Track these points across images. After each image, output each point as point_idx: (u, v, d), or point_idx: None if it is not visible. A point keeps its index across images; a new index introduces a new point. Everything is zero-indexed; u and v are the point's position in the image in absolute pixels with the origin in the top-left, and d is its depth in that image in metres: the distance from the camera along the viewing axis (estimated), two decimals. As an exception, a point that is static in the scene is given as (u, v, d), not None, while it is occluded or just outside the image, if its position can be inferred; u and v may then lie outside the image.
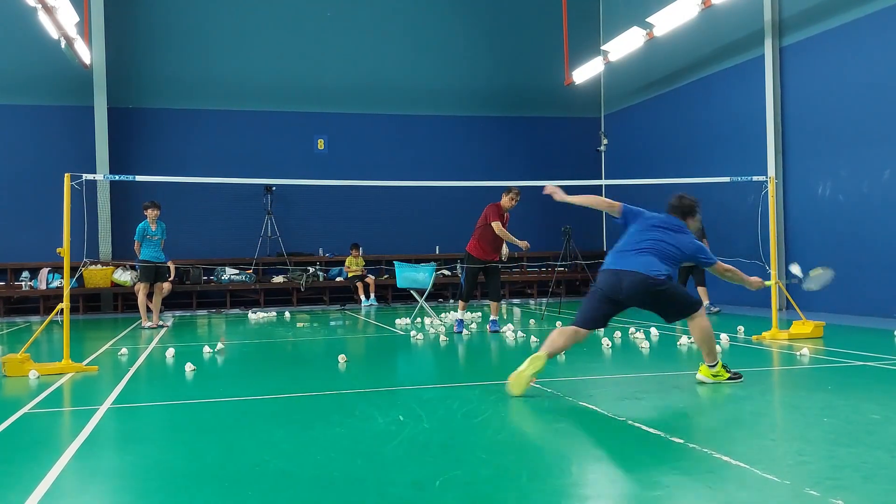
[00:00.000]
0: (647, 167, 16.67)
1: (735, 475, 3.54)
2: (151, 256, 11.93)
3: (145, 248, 11.87)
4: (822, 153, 12.48)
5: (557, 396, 5.52)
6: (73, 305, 14.65)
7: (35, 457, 4.14)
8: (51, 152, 16.06)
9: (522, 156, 18.56)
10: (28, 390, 6.33)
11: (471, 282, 10.29)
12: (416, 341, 9.44)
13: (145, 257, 11.88)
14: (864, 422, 4.60)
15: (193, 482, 3.65)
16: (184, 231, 16.62)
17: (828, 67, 12.32)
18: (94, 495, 3.61)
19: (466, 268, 10.33)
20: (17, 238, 15.82)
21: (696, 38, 15.14)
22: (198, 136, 17.16)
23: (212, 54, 17.26)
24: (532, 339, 9.15)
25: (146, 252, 11.89)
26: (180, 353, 8.41)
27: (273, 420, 5.02)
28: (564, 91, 18.64)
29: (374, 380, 6.70)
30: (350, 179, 15.08)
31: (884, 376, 6.39)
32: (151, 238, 11.89)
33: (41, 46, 14.99)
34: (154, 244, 11.94)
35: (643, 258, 5.70)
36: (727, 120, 14.62)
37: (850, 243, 11.49)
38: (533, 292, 17.88)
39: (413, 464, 3.89)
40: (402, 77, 18.19)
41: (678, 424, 4.61)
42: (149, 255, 11.90)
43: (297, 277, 16.35)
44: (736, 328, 9.49)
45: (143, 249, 11.86)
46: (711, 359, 5.85)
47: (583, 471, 3.81)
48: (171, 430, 4.85)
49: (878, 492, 3.28)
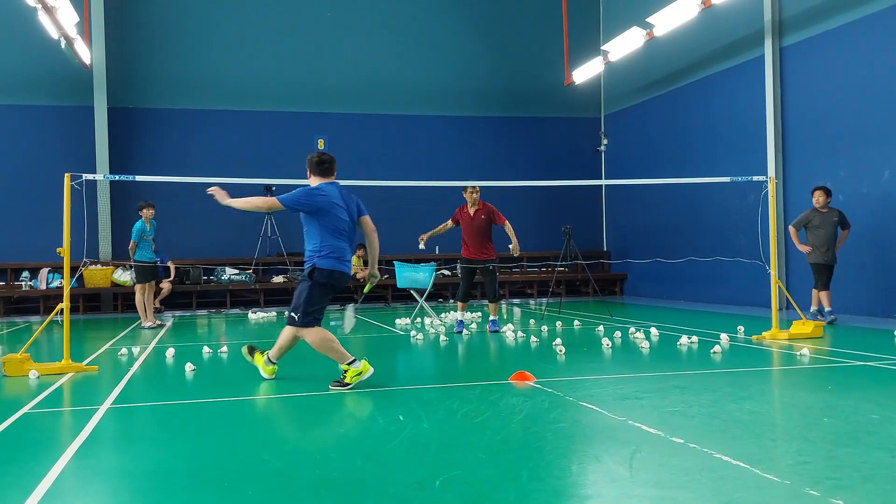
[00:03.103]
0: (646, 167, 16.67)
1: (735, 475, 3.54)
2: (147, 257, 12.09)
3: (141, 249, 11.99)
4: (822, 153, 12.48)
5: (557, 396, 5.52)
6: (73, 305, 14.66)
7: (35, 457, 4.14)
8: (51, 152, 16.06)
9: (522, 156, 18.55)
10: (28, 390, 6.33)
11: (465, 282, 10.43)
12: (416, 341, 9.44)
13: (142, 258, 12.00)
14: (864, 422, 4.60)
15: (193, 482, 3.65)
16: (184, 231, 16.64)
17: (828, 67, 12.32)
18: (93, 495, 3.62)
19: (460, 269, 10.49)
20: (17, 238, 15.81)
21: (696, 38, 15.14)
22: (198, 136, 17.15)
23: (212, 54, 17.26)
24: (532, 339, 9.15)
25: (142, 253, 12.03)
26: (180, 353, 8.41)
27: (273, 420, 5.02)
28: (564, 91, 18.64)
29: (374, 380, 6.70)
30: (350, 179, 15.04)
31: (884, 376, 6.39)
32: (146, 238, 12.03)
33: (41, 46, 14.98)
34: (148, 244, 12.10)
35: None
36: (727, 120, 14.62)
37: (849, 243, 11.46)
38: (533, 292, 17.87)
39: (413, 464, 3.89)
40: (403, 77, 18.18)
41: (678, 424, 4.61)
42: (145, 255, 12.05)
43: (297, 277, 16.33)
44: (736, 328, 9.48)
45: (139, 250, 11.98)
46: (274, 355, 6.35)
47: (583, 471, 3.81)
48: (171, 430, 4.85)
49: (878, 492, 3.28)
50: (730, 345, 8.31)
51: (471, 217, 10.31)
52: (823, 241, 10.53)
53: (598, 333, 9.57)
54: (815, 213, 10.65)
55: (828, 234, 10.55)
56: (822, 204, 10.60)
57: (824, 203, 10.60)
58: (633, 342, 8.73)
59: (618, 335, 9.18)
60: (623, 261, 17.13)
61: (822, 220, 10.59)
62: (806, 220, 10.71)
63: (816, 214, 10.63)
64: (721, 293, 14.18)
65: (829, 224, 10.57)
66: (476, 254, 10.26)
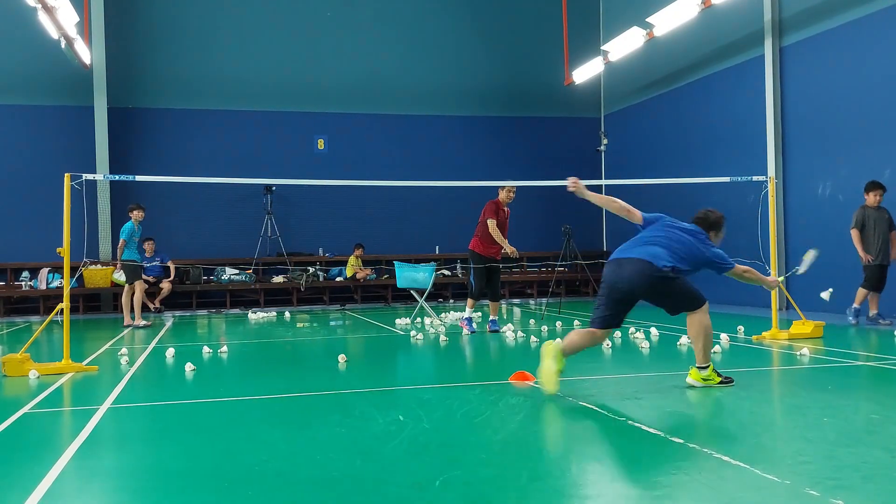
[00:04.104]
0: (647, 167, 16.68)
1: (735, 475, 3.54)
2: (136, 257, 12.45)
3: (129, 249, 12.25)
4: (822, 153, 12.47)
5: (558, 396, 5.52)
6: (73, 305, 14.66)
7: (35, 457, 4.14)
8: (51, 152, 16.06)
9: (522, 156, 18.55)
10: (28, 390, 6.33)
11: (480, 279, 10.19)
12: (416, 341, 9.44)
13: (131, 258, 12.25)
14: (864, 422, 4.60)
15: (192, 482, 3.65)
16: (184, 231, 16.66)
17: (828, 67, 12.32)
18: (93, 495, 3.61)
19: (474, 267, 10.25)
20: (17, 238, 15.82)
21: (696, 38, 15.14)
22: (198, 136, 17.15)
23: (212, 54, 17.26)
24: (532, 339, 9.15)
25: (131, 253, 12.31)
26: (180, 354, 8.41)
27: (272, 420, 5.02)
28: (564, 91, 18.64)
29: (374, 380, 6.70)
30: (350, 179, 15.09)
31: (884, 376, 6.39)
32: (135, 239, 12.35)
33: (41, 46, 14.99)
34: (136, 245, 12.44)
35: (650, 249, 5.63)
36: (727, 120, 14.62)
37: (850, 243, 11.45)
38: (533, 292, 17.87)
39: (413, 464, 3.88)
40: (403, 77, 18.18)
41: (678, 424, 4.61)
42: (133, 255, 12.35)
43: (297, 277, 16.35)
44: (736, 328, 9.48)
45: (127, 250, 12.22)
46: (704, 360, 5.73)
47: (583, 471, 3.81)
48: (171, 431, 4.84)
49: (878, 492, 3.28)
50: (730, 345, 8.31)
51: (506, 216, 10.22)
52: (880, 241, 10.02)
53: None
54: (869, 211, 10.14)
55: (884, 234, 10.05)
56: (878, 202, 10.06)
57: (879, 201, 10.06)
58: (633, 342, 8.73)
59: (618, 335, 9.17)
60: (623, 261, 17.09)
61: (877, 217, 10.06)
62: (863, 220, 10.12)
63: (871, 213, 10.11)
64: (721, 293, 14.17)
65: (884, 222, 10.05)
66: (493, 251, 10.17)
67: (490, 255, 10.15)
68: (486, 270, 10.18)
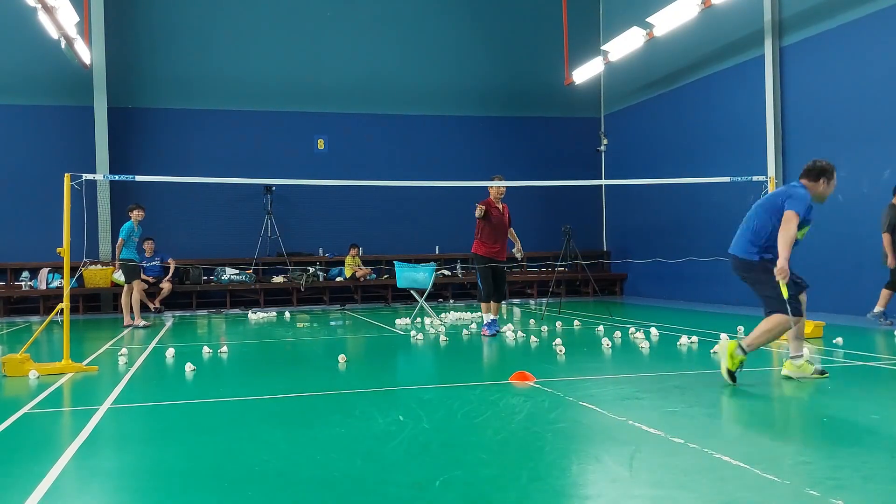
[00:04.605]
0: (647, 167, 16.67)
1: (735, 475, 3.54)
2: (135, 257, 12.45)
3: (128, 249, 12.26)
4: (822, 153, 12.40)
5: (557, 396, 5.52)
6: (73, 305, 14.67)
7: (35, 457, 4.14)
8: (51, 152, 16.06)
9: (522, 156, 18.55)
10: (28, 390, 6.33)
11: (488, 280, 9.87)
12: (416, 341, 9.44)
13: (130, 257, 12.29)
14: (864, 422, 4.60)
15: (193, 482, 3.65)
16: (184, 231, 16.65)
17: (828, 67, 12.32)
18: (93, 495, 3.62)
19: (478, 269, 10.00)
20: (17, 238, 15.82)
21: (696, 38, 15.14)
22: (198, 136, 17.15)
23: (212, 54, 17.26)
24: (532, 339, 9.16)
25: (129, 252, 12.32)
26: (180, 354, 8.41)
27: (273, 420, 5.02)
28: (564, 91, 18.64)
29: (374, 380, 6.70)
30: (350, 179, 15.08)
31: (884, 376, 6.39)
32: (134, 239, 12.35)
33: (41, 46, 14.99)
34: (135, 244, 12.46)
35: (739, 240, 6.09)
36: (727, 120, 14.62)
37: (850, 243, 11.48)
38: (533, 292, 17.87)
39: (413, 464, 3.89)
40: (403, 77, 18.19)
41: (678, 424, 4.61)
42: (132, 255, 12.36)
43: (297, 277, 16.35)
44: (736, 328, 9.48)
45: (125, 250, 12.23)
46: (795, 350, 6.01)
47: (583, 471, 3.81)
48: (171, 431, 4.84)
49: (878, 492, 3.28)
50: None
51: (500, 213, 9.92)
52: None
53: (598, 333, 9.58)
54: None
55: None
56: None
57: None
58: (633, 342, 8.73)
59: (618, 335, 9.18)
60: (623, 261, 17.14)
61: None
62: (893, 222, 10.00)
63: None
64: (721, 293, 14.18)
65: None
66: (501, 253, 9.97)
67: (492, 256, 9.95)
68: (491, 271, 9.95)
